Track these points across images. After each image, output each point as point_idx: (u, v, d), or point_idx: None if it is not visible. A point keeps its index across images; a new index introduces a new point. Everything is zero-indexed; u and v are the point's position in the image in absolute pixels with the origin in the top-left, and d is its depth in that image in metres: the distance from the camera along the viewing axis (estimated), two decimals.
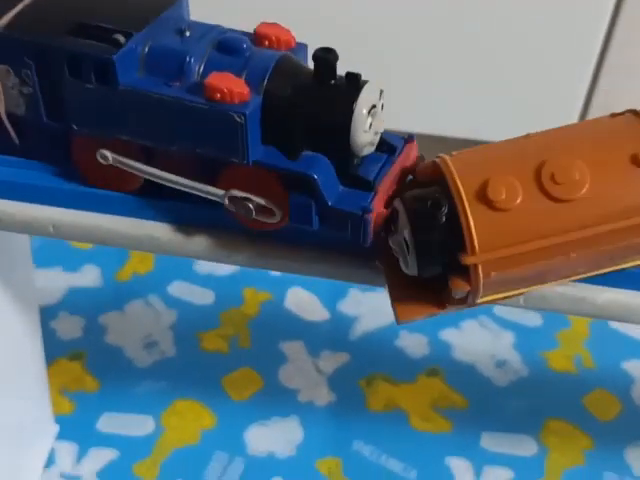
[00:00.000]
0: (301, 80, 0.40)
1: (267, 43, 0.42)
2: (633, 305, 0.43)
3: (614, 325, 0.77)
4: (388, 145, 0.43)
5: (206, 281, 0.79)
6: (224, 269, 0.80)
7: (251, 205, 0.41)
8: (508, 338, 0.76)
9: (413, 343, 0.75)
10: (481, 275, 0.39)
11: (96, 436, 0.66)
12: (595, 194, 0.38)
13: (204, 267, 0.80)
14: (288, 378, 0.72)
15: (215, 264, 0.78)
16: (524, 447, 0.67)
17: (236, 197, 0.41)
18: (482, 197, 0.38)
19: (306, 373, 0.72)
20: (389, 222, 0.41)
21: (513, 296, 0.42)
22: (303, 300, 0.78)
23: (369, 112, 0.39)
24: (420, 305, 0.43)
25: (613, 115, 0.42)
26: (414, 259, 0.40)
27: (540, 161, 0.39)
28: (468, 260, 0.39)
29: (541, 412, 0.70)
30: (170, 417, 0.68)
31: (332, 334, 0.75)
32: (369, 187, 0.41)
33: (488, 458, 0.66)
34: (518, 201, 0.38)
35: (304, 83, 0.40)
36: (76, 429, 0.67)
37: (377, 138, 0.41)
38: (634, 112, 0.41)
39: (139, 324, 0.75)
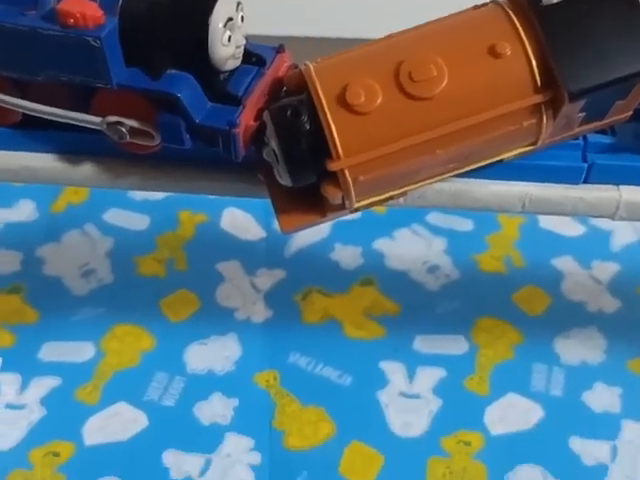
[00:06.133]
0: None
1: None
2: (510, 194, 0.44)
3: (545, 225, 0.78)
4: (258, 57, 0.43)
5: (142, 206, 0.80)
6: (160, 193, 0.80)
7: (124, 129, 0.42)
8: (440, 244, 0.77)
9: (347, 255, 0.76)
10: (349, 179, 0.40)
11: (38, 365, 0.68)
12: (454, 89, 0.38)
13: (140, 193, 0.80)
14: (225, 297, 0.73)
15: None
16: (455, 346, 0.69)
17: (110, 122, 0.42)
18: (342, 102, 0.39)
19: (243, 291, 0.73)
20: (261, 134, 0.41)
21: (393, 197, 0.43)
22: (239, 220, 0.79)
23: (225, 25, 0.39)
24: (303, 214, 0.44)
25: (476, 7, 0.41)
26: (285, 169, 0.40)
27: (399, 61, 0.39)
28: (334, 166, 0.39)
29: (472, 312, 0.71)
30: (110, 342, 0.69)
31: (268, 252, 0.76)
32: (237, 101, 0.41)
33: (421, 359, 0.68)
34: (378, 103, 0.38)
35: (159, 0, 0.39)
36: (18, 360, 0.68)
37: (240, 51, 0.41)
38: (495, 2, 0.41)
39: (76, 253, 0.76)
